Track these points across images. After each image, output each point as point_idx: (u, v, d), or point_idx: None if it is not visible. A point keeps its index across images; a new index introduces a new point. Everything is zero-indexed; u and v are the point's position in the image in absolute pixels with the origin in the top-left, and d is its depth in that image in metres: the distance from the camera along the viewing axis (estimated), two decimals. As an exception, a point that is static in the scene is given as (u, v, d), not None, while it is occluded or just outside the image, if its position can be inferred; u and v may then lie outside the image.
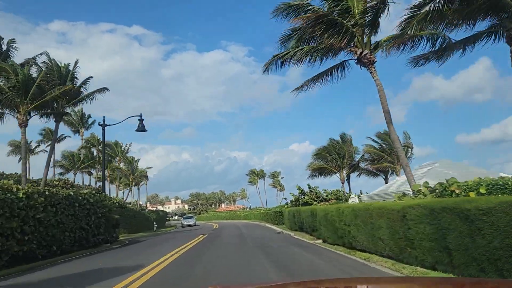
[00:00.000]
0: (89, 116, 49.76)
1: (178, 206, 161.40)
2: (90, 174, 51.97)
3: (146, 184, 72.22)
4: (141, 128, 22.49)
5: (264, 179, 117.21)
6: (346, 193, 32.43)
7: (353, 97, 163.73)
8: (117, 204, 36.86)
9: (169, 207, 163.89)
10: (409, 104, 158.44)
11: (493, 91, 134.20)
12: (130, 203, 71.88)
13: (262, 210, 59.97)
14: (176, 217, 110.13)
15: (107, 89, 29.51)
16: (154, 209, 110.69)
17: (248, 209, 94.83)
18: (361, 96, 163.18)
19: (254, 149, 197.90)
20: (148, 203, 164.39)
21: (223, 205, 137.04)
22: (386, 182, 40.62)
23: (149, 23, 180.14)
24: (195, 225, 44.90)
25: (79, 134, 49.13)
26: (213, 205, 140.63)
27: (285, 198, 33.20)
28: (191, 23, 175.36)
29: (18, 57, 27.83)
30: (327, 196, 31.45)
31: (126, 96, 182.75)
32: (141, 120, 22.53)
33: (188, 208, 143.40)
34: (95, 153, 52.62)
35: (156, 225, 37.57)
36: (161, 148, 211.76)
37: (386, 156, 37.15)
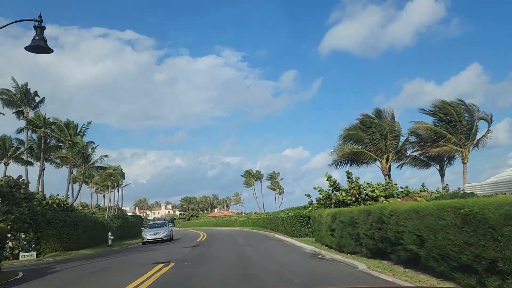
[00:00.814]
0: (36, 92, 37.55)
1: (169, 212, 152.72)
2: (42, 169, 39.78)
3: (121, 184, 59.62)
4: (38, 43, 10.87)
5: (261, 181, 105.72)
6: (401, 187, 20.66)
7: (345, 100, 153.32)
8: (55, 205, 25.13)
9: (158, 212, 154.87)
10: (401, 109, 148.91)
11: (484, 96, 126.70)
12: (109, 207, 60.02)
13: (263, 214, 48.13)
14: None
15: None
16: (141, 214, 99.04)
17: (244, 214, 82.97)
18: (353, 96, 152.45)
19: (248, 154, 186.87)
20: (137, 208, 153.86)
21: (215, 210, 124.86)
22: (442, 174, 29.13)
23: (141, 28, 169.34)
24: (169, 239, 27.34)
25: (23, 116, 37.03)
26: (205, 210, 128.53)
27: (309, 195, 21.38)
28: (184, 29, 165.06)
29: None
30: (373, 191, 20.04)
31: (118, 101, 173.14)
32: (39, 28, 10.85)
33: (180, 214, 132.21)
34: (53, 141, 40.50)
35: (112, 237, 25.35)
36: (153, 154, 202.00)
37: (449, 136, 25.59)
